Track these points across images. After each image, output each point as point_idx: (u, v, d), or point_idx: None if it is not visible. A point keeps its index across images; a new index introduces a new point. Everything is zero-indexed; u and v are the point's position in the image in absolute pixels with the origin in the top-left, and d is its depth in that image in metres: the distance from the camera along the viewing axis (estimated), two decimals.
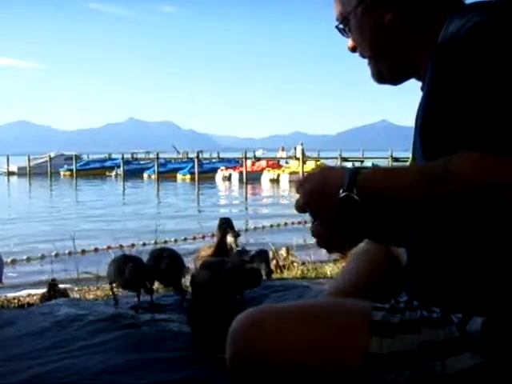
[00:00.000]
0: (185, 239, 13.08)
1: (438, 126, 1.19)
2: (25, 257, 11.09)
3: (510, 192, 1.01)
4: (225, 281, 2.77)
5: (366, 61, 1.45)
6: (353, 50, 1.45)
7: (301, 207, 1.23)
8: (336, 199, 1.13)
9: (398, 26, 1.34)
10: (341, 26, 1.44)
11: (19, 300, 3.77)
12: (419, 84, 1.40)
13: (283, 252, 6.44)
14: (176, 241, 12.88)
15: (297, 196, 1.24)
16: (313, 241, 1.48)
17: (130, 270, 2.94)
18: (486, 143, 1.04)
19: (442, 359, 1.19)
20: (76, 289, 4.21)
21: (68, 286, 3.87)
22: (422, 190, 1.07)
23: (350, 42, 1.44)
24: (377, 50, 1.38)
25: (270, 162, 46.96)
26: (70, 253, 10.44)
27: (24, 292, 4.07)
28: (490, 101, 1.06)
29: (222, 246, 3.55)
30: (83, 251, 11.24)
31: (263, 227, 15.27)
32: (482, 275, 1.20)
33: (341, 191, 1.13)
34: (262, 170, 43.52)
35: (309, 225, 1.29)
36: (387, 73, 1.41)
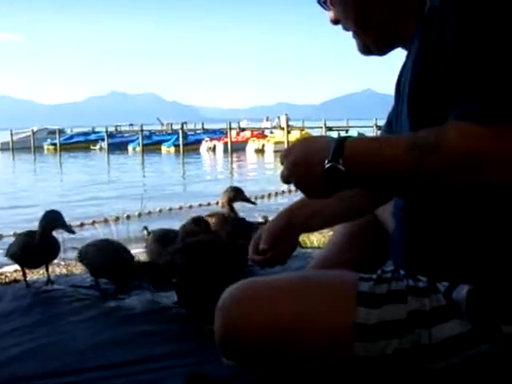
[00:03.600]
0: (170, 209, 13.03)
1: (427, 95, 1.17)
2: (11, 232, 11.03)
3: (499, 163, 1.00)
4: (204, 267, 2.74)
5: (348, 32, 1.43)
6: (335, 22, 1.43)
7: (285, 178, 1.22)
8: (321, 170, 1.12)
9: None
10: (322, 0, 1.42)
11: (6, 276, 3.75)
12: (404, 52, 1.39)
13: (260, 219, 6.34)
14: (160, 211, 12.83)
15: (282, 167, 1.24)
16: None
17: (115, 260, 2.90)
18: (476, 113, 1.03)
19: (429, 327, 1.20)
20: (63, 264, 4.19)
21: (55, 261, 3.84)
22: (411, 161, 1.05)
23: (331, 15, 1.42)
24: (361, 23, 1.36)
25: (255, 133, 46.81)
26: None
27: (11, 267, 4.04)
28: (481, 70, 1.05)
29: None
30: (69, 225, 11.19)
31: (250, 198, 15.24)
32: (469, 243, 1.20)
33: (326, 162, 1.11)
34: (247, 140, 43.38)
35: (294, 194, 1.29)
36: (373, 44, 1.39)
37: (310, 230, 1.76)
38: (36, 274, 3.67)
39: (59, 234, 3.96)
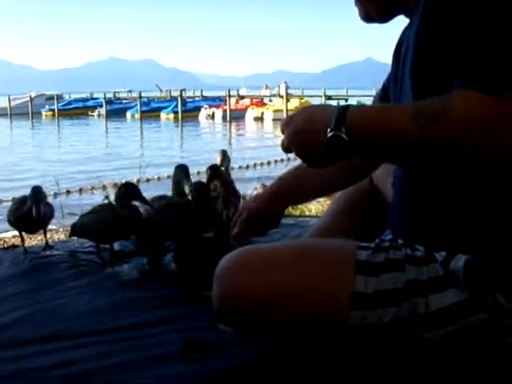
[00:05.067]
0: (168, 177, 13.02)
1: (430, 64, 1.16)
2: (10, 197, 11.03)
3: (505, 130, 1.00)
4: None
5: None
6: None
7: (286, 147, 1.21)
8: (323, 138, 1.11)
9: None
10: None
11: (5, 241, 3.76)
12: (406, 20, 1.37)
13: (259, 188, 6.22)
14: (159, 179, 12.83)
15: (282, 136, 1.23)
16: None
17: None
18: (481, 81, 1.02)
19: (426, 296, 1.20)
20: (61, 230, 4.20)
21: (54, 227, 3.85)
22: (417, 129, 1.04)
23: None
24: None
25: (254, 100, 46.57)
26: (55, 194, 10.41)
27: (9, 233, 4.04)
28: (485, 39, 1.04)
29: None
30: (68, 192, 11.22)
31: (247, 166, 15.24)
32: (467, 213, 1.20)
33: (328, 130, 1.10)
34: (246, 108, 43.18)
35: (293, 162, 1.29)
36: (375, 11, 1.37)
37: (298, 201, 1.76)
38: (34, 240, 3.68)
39: (57, 201, 3.96)
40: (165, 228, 2.74)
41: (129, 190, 2.85)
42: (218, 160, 3.39)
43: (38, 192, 2.99)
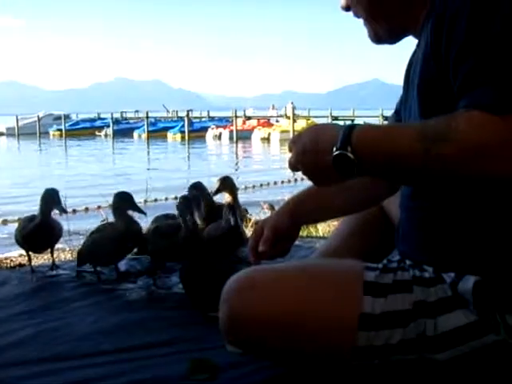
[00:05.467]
0: (175, 198, 13.02)
1: (437, 84, 1.16)
2: (16, 217, 11.05)
3: (509, 154, 0.98)
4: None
5: (359, 19, 1.42)
6: (346, 8, 1.42)
7: (293, 166, 1.22)
8: (329, 157, 1.11)
9: None
10: None
11: (11, 260, 3.76)
12: (413, 41, 1.38)
13: (266, 209, 6.20)
14: (166, 199, 12.83)
15: (289, 154, 1.23)
16: None
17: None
18: (487, 102, 1.02)
19: (434, 318, 1.20)
20: (68, 249, 4.20)
21: (60, 246, 3.85)
22: (421, 149, 1.04)
23: (343, 1, 1.41)
24: (373, 10, 1.34)
25: (262, 121, 46.74)
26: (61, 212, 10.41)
27: (16, 252, 4.05)
28: (492, 59, 1.04)
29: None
30: (74, 211, 11.23)
31: (253, 186, 15.26)
32: (476, 234, 1.20)
33: (334, 149, 1.11)
34: (253, 128, 43.32)
35: (300, 183, 1.29)
36: (384, 32, 1.38)
37: (312, 223, 1.76)
38: (41, 259, 3.68)
39: (64, 220, 3.97)
40: (171, 248, 2.75)
41: (123, 200, 2.89)
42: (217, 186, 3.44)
43: (47, 202, 3.02)
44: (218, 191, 3.34)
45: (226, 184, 3.32)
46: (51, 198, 3.02)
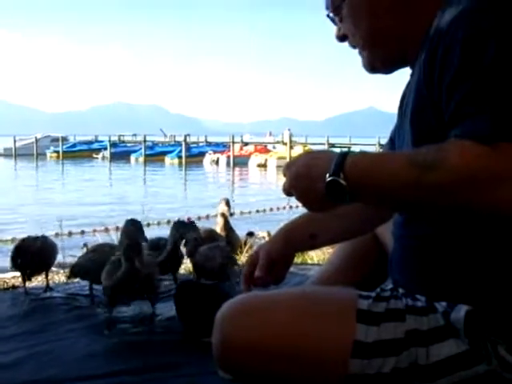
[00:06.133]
0: (168, 222, 13.00)
1: (429, 113, 1.17)
2: (10, 237, 11.01)
3: (500, 183, 1.00)
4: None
5: (354, 49, 1.44)
6: (341, 39, 1.43)
7: (287, 191, 1.23)
8: (322, 183, 1.12)
9: (395, 9, 1.32)
10: (331, 15, 1.42)
11: (5, 282, 3.75)
12: (408, 70, 1.40)
13: (265, 236, 6.34)
14: (159, 223, 12.81)
15: (284, 180, 1.24)
16: None
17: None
18: (477, 132, 1.02)
19: (427, 347, 1.20)
20: (62, 272, 4.19)
21: (54, 268, 3.84)
22: (410, 177, 1.04)
23: (339, 31, 1.42)
24: (373, 37, 1.36)
25: (258, 147, 46.90)
26: (56, 234, 10.40)
27: (9, 274, 4.04)
28: (483, 90, 1.05)
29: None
30: (70, 233, 11.21)
31: (250, 212, 15.26)
32: (468, 263, 1.20)
33: (327, 175, 1.11)
34: (250, 154, 43.46)
35: (295, 210, 1.30)
36: (380, 62, 1.40)
37: (307, 249, 1.76)
38: (35, 281, 3.67)
39: (59, 241, 3.96)
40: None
41: (133, 242, 2.60)
42: (221, 208, 3.49)
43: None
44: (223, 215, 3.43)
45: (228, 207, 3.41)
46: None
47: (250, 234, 3.42)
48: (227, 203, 3.57)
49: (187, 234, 3.06)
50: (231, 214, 3.61)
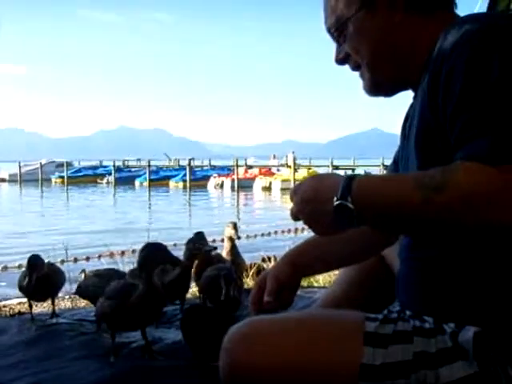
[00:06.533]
0: (175, 245, 12.98)
1: (434, 135, 1.18)
2: (17, 264, 11.01)
3: (507, 204, 1.00)
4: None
5: (355, 72, 1.44)
6: (341, 61, 1.43)
7: (295, 215, 1.23)
8: (329, 207, 1.13)
9: (403, 27, 1.33)
10: (335, 35, 1.42)
11: (11, 308, 3.75)
12: (410, 92, 1.40)
13: (272, 260, 6.37)
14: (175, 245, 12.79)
15: (290, 203, 1.25)
16: None
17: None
18: (483, 153, 1.03)
19: (435, 369, 1.19)
20: (67, 297, 4.18)
21: (60, 294, 3.84)
22: (417, 199, 1.05)
23: (339, 54, 1.43)
24: (378, 56, 1.36)
25: (263, 170, 47.01)
26: (62, 261, 10.40)
27: (15, 300, 4.04)
28: (488, 111, 1.06)
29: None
30: (75, 259, 11.20)
31: (255, 235, 15.23)
32: (475, 284, 1.20)
33: (335, 199, 1.12)
34: (255, 177, 43.55)
35: (301, 234, 1.30)
36: (381, 86, 1.40)
37: (313, 274, 1.76)
38: (40, 307, 3.67)
39: (65, 268, 3.96)
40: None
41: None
42: (228, 232, 3.51)
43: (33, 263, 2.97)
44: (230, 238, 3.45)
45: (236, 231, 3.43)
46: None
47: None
48: (234, 227, 3.57)
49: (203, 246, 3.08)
50: (238, 238, 3.61)
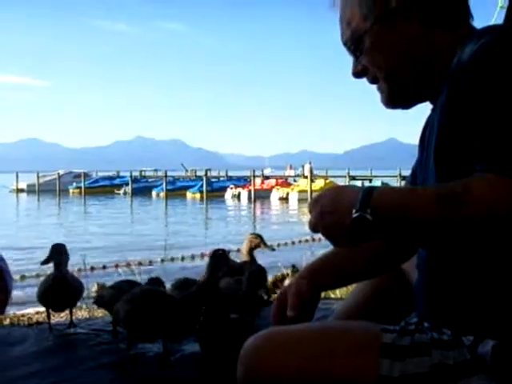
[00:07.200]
0: (192, 257, 13.03)
1: (453, 147, 1.18)
2: (34, 273, 11.09)
3: None
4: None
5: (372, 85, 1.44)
6: (359, 75, 1.43)
7: (313, 227, 1.23)
8: (348, 219, 1.13)
9: (419, 40, 1.33)
10: (352, 48, 1.41)
11: (29, 318, 3.77)
12: (428, 104, 1.40)
13: (289, 271, 6.34)
14: (183, 259, 12.84)
15: (307, 214, 1.25)
16: None
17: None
18: (504, 165, 1.04)
19: (454, 381, 1.18)
20: (84, 307, 4.20)
21: (78, 304, 3.86)
22: (438, 211, 1.05)
23: (356, 68, 1.42)
24: (396, 69, 1.35)
25: (280, 181, 47.01)
26: (79, 270, 10.45)
27: (32, 309, 4.07)
28: (508, 123, 1.06)
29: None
30: (92, 268, 11.27)
31: (272, 245, 15.20)
32: (494, 297, 1.19)
33: (354, 211, 1.12)
34: (272, 188, 43.57)
35: (317, 243, 1.30)
36: (399, 98, 1.40)
37: (331, 288, 1.75)
38: (57, 317, 3.69)
39: (83, 278, 3.98)
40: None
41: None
42: (250, 244, 3.50)
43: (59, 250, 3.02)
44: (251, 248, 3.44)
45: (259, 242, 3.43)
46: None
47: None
48: (261, 238, 3.54)
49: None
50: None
